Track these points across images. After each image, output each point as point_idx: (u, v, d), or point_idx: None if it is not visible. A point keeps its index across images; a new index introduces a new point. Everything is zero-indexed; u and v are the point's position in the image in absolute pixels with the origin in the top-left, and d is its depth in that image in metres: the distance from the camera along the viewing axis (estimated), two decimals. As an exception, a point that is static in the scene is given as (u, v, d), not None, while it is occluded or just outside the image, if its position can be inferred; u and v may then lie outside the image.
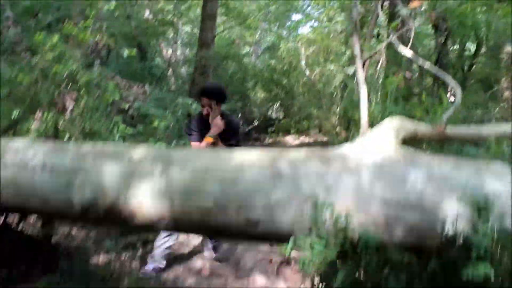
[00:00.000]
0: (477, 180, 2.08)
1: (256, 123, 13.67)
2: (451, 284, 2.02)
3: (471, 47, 10.53)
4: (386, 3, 7.23)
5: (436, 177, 2.14)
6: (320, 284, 3.52)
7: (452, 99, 4.28)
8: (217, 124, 3.86)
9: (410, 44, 3.32)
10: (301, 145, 11.88)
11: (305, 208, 2.15)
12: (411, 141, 2.52)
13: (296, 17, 19.45)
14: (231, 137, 3.98)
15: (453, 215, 2.04)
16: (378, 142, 2.34)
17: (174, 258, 4.59)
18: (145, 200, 2.33)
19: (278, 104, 14.60)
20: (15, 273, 3.30)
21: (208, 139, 3.81)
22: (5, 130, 3.39)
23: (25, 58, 4.02)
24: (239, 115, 12.53)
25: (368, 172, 2.20)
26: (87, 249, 4.05)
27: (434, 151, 2.56)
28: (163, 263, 4.07)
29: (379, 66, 5.20)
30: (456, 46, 9.17)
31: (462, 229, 2.02)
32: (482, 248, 1.85)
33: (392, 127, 2.39)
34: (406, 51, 3.09)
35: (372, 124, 2.56)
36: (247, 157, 2.39)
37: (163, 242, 4.05)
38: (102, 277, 3.54)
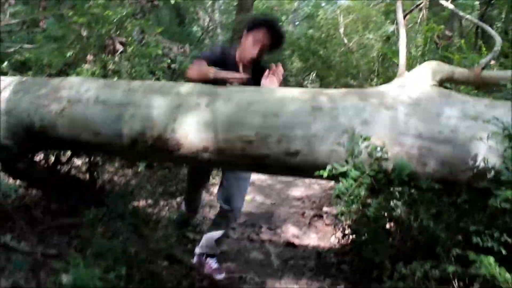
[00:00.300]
0: (510, 118, 2.14)
1: (291, 92, 13.67)
2: (479, 214, 2.12)
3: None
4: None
5: (470, 114, 2.22)
6: (351, 236, 3.67)
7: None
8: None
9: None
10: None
11: (342, 140, 2.26)
12: (448, 85, 2.59)
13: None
14: None
15: (485, 149, 2.13)
16: (415, 82, 2.42)
17: (209, 207, 4.79)
18: (191, 131, 2.48)
19: (314, 73, 14.54)
20: (65, 208, 3.52)
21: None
22: (58, 72, 3.59)
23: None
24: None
25: (404, 107, 2.30)
26: (129, 194, 4.25)
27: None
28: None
29: (419, 19, 5.20)
30: (503, 15, 8.89)
31: (494, 163, 2.11)
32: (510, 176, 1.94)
33: (430, 69, 2.46)
34: (448, 3, 3.12)
35: (410, 68, 2.64)
36: (288, 93, 2.50)
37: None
38: (143, 218, 3.73)
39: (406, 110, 2.28)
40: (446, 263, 2.23)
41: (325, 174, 2.15)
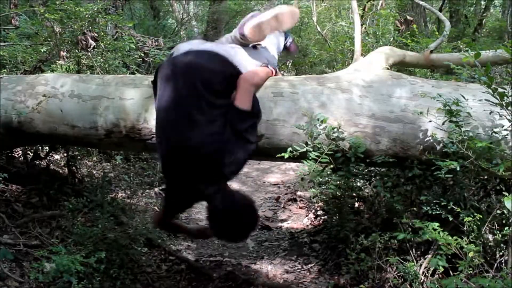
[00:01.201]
0: (455, 96, 2.33)
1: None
2: (433, 187, 2.32)
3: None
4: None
5: (418, 94, 2.41)
6: (322, 217, 3.84)
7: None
8: None
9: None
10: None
11: (302, 122, 2.43)
12: (401, 68, 2.78)
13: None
14: None
15: (432, 126, 2.32)
16: (369, 66, 2.60)
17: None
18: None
19: (289, 62, 14.64)
20: (45, 201, 3.62)
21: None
22: (33, 69, 3.69)
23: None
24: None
25: (359, 90, 2.48)
26: (107, 185, 4.35)
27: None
28: None
29: (379, 7, 5.39)
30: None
31: (441, 137, 2.30)
32: (454, 148, 2.14)
33: (383, 53, 2.65)
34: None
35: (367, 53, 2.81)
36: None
37: None
38: (122, 207, 3.84)
39: (360, 92, 2.46)
40: (402, 232, 2.41)
41: (286, 155, 2.30)
